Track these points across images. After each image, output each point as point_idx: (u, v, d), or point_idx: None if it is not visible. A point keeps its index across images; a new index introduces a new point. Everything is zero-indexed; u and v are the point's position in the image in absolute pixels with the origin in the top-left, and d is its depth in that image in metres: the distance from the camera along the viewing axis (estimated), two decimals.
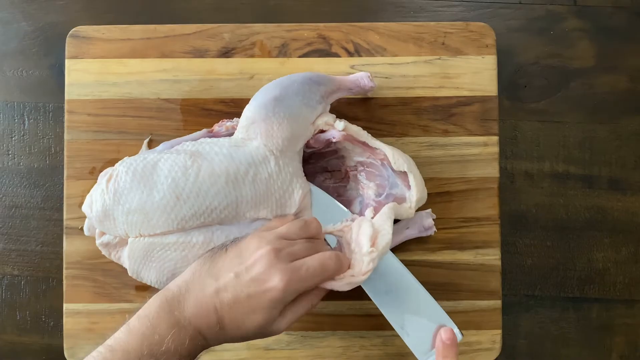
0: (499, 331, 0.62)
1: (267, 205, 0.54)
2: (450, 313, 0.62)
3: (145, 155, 0.55)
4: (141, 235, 0.53)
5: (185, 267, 0.49)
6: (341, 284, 0.48)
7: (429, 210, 0.62)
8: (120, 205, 0.53)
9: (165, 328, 0.44)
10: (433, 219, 0.62)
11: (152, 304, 0.46)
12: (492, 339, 0.62)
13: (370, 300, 0.62)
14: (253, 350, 0.62)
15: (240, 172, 0.53)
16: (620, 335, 0.73)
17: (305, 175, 0.57)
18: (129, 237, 0.53)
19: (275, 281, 0.45)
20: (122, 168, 0.54)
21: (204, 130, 0.60)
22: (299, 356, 0.62)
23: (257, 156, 0.54)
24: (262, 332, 0.47)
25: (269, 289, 0.45)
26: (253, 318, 0.45)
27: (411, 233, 0.61)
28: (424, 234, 0.62)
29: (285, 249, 0.47)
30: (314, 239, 0.50)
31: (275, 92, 0.55)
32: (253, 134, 0.55)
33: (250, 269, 0.46)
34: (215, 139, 0.56)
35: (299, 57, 0.64)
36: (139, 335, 0.44)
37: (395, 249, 0.62)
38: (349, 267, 0.49)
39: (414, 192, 0.57)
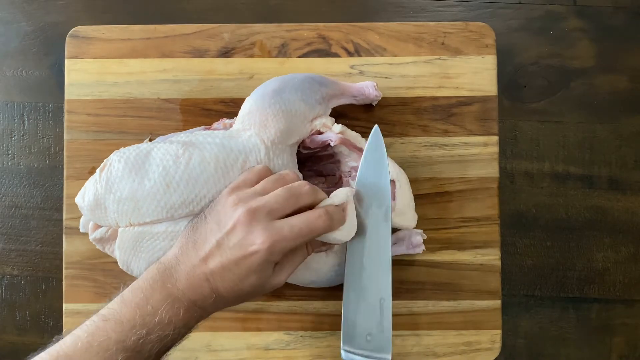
0: (499, 331, 0.62)
1: None
2: (450, 313, 0.62)
3: (139, 145, 0.55)
4: (131, 225, 0.53)
5: None
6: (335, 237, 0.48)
7: (421, 230, 0.62)
8: (112, 194, 0.53)
9: (158, 299, 0.44)
10: (423, 239, 0.61)
11: (145, 276, 0.46)
12: (492, 339, 0.62)
13: None
14: (253, 351, 0.62)
15: (230, 160, 0.53)
16: (620, 335, 0.73)
17: None
18: (119, 226, 0.53)
19: (258, 244, 0.44)
20: (116, 157, 0.54)
21: (202, 127, 0.60)
22: (299, 356, 0.62)
23: (248, 144, 0.54)
24: (262, 290, 0.47)
25: (253, 253, 0.44)
26: (246, 281, 0.45)
27: (399, 249, 0.61)
28: (411, 252, 0.61)
29: (262, 208, 0.46)
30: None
31: (275, 85, 0.56)
32: (248, 125, 0.55)
33: (231, 235, 0.45)
34: (210, 131, 0.56)
35: (299, 57, 0.64)
36: (133, 306, 0.44)
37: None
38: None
39: (398, 202, 0.57)
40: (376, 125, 0.55)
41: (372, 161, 0.54)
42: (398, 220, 0.57)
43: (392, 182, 0.58)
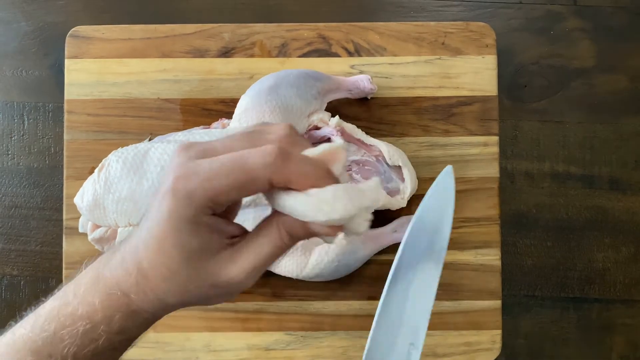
0: (499, 331, 0.62)
1: None
2: (450, 313, 0.62)
3: (137, 145, 0.55)
4: (130, 225, 0.53)
5: None
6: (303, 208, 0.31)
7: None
8: (111, 194, 0.53)
9: (83, 284, 0.35)
10: None
11: None
12: (492, 339, 0.62)
13: (370, 300, 0.62)
14: (253, 351, 0.62)
15: None
16: (620, 335, 0.73)
17: None
18: (118, 226, 0.53)
19: (167, 181, 0.31)
20: (114, 157, 0.54)
21: (201, 127, 0.60)
22: (299, 356, 0.62)
23: None
24: (199, 280, 0.33)
25: (162, 194, 0.32)
26: (165, 249, 0.32)
27: (399, 236, 0.61)
28: None
29: (198, 145, 0.33)
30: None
31: (270, 82, 0.56)
32: (245, 122, 0.55)
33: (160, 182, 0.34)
34: (207, 130, 0.56)
35: (299, 57, 0.64)
36: (58, 297, 0.35)
37: (395, 249, 0.62)
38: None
39: (408, 185, 0.59)
40: (449, 166, 0.50)
41: (437, 200, 0.49)
42: (410, 197, 0.59)
43: (399, 167, 0.59)
